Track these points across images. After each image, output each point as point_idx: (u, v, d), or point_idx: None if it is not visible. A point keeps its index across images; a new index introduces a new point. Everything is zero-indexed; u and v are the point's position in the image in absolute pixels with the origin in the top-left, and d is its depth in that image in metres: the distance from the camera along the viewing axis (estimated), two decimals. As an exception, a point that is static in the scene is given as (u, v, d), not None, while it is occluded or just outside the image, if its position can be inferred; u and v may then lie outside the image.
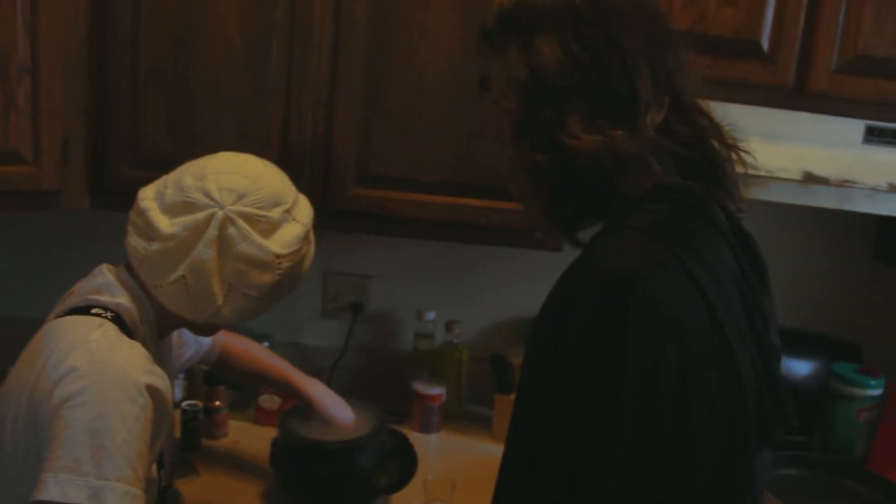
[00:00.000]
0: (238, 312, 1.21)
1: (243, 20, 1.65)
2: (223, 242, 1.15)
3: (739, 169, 0.97)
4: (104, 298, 1.19)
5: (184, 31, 1.65)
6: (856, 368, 1.95)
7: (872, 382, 1.89)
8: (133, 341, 1.15)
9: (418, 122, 1.69)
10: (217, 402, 1.88)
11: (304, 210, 1.27)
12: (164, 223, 1.16)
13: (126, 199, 1.69)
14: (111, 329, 1.13)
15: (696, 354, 0.78)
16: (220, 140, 1.68)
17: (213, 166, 1.20)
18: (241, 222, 1.15)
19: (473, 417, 2.09)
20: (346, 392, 2.09)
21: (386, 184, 1.72)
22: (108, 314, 1.16)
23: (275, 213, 1.19)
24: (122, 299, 1.19)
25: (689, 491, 0.78)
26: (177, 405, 1.69)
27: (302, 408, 1.69)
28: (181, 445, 1.81)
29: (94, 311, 1.16)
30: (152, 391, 1.09)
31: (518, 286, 2.14)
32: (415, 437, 1.92)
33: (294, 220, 1.22)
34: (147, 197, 1.21)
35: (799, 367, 2.11)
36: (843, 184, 1.61)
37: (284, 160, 1.68)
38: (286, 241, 1.19)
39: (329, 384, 2.09)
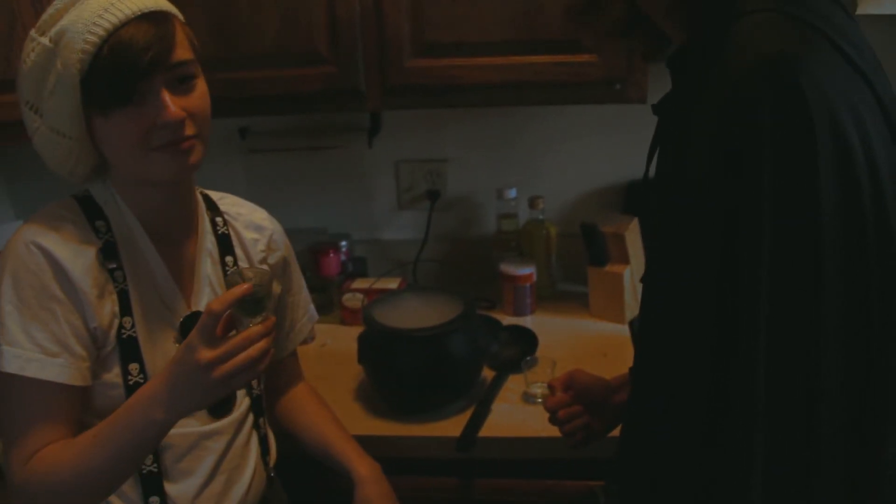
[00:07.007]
0: (56, 114, 1.04)
1: None
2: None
3: None
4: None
5: None
6: None
7: None
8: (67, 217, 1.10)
9: (473, -22, 1.53)
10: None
11: None
12: None
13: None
14: (60, 206, 1.12)
15: (874, 140, 0.65)
16: (261, 28, 1.58)
17: None
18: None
19: (567, 296, 1.97)
20: (431, 283, 2.03)
21: (445, 51, 1.58)
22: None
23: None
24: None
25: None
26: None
27: (387, 298, 1.62)
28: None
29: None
30: (41, 249, 1.04)
31: (599, 150, 1.97)
32: (509, 322, 1.83)
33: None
34: None
35: None
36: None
37: (335, 41, 1.58)
38: (42, 21, 1.04)
39: (412, 278, 2.03)
